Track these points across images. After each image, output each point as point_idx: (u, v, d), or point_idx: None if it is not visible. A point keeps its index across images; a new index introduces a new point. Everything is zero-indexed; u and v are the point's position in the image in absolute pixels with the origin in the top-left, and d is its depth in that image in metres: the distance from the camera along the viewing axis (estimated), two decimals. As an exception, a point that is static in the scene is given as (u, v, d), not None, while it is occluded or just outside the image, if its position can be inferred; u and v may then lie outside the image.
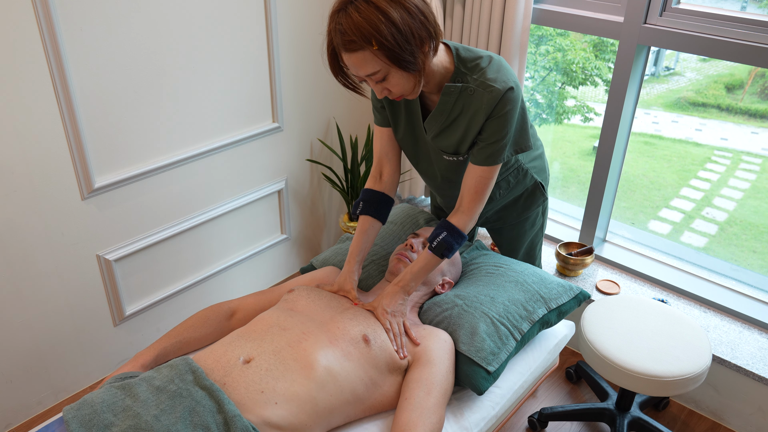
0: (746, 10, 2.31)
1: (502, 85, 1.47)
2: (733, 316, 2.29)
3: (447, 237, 1.58)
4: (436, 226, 1.62)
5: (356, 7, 1.32)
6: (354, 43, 1.32)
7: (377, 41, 1.30)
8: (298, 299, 1.60)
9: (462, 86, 1.50)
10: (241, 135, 2.42)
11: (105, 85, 1.95)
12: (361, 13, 1.30)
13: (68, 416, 1.26)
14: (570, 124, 3.59)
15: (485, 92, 1.47)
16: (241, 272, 2.71)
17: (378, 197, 1.73)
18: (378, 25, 1.30)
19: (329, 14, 1.39)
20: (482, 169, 1.56)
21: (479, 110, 1.50)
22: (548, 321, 1.74)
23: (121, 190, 2.13)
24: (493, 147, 1.54)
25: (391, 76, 1.38)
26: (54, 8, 1.75)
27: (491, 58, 1.52)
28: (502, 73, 1.49)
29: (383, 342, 1.50)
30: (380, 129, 1.72)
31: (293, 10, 2.42)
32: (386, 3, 1.31)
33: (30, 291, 2.02)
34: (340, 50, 1.37)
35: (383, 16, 1.30)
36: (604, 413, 2.12)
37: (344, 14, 1.33)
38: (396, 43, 1.31)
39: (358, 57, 1.34)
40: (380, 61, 1.34)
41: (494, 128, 1.51)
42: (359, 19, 1.30)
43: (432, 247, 1.59)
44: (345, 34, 1.32)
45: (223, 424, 1.24)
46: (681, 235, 2.94)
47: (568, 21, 2.35)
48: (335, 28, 1.35)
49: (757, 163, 3.03)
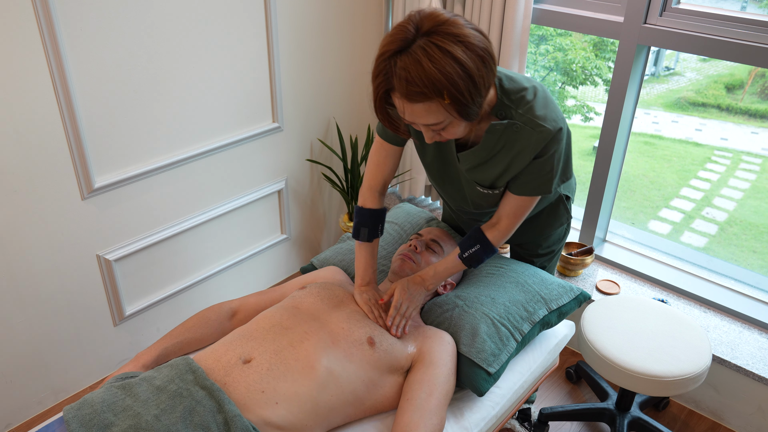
0: (746, 10, 2.31)
1: (552, 124, 1.37)
2: (733, 316, 2.29)
3: (479, 251, 1.55)
4: (469, 236, 1.57)
5: (425, 51, 1.15)
6: (422, 94, 1.17)
7: (450, 94, 1.16)
8: (306, 297, 1.59)
9: (508, 123, 1.38)
10: (241, 135, 2.42)
11: (105, 85, 1.95)
12: (434, 60, 1.14)
13: (68, 416, 1.26)
14: (570, 124, 3.59)
15: (534, 131, 1.37)
16: (241, 272, 2.71)
17: (380, 215, 1.66)
18: (453, 78, 1.15)
19: (381, 50, 1.20)
20: (523, 199, 1.51)
21: (525, 149, 1.39)
22: (549, 322, 1.74)
23: (121, 190, 2.13)
24: (537, 182, 1.47)
25: (451, 125, 1.27)
26: (54, 8, 1.74)
27: (536, 90, 1.40)
28: (550, 109, 1.39)
29: (389, 345, 1.50)
30: (389, 146, 1.61)
31: (293, 10, 2.42)
32: (455, 45, 1.15)
33: (30, 291, 2.02)
34: (399, 98, 1.21)
35: (458, 65, 1.15)
36: (604, 413, 2.12)
37: (410, 59, 1.16)
38: (470, 96, 1.18)
39: (421, 108, 1.20)
40: (446, 113, 1.21)
41: (541, 168, 1.43)
42: (431, 68, 1.14)
43: (463, 257, 1.57)
44: (412, 83, 1.16)
45: (223, 423, 1.24)
46: (681, 235, 2.95)
47: (568, 21, 2.34)
48: (398, 74, 1.17)
49: (757, 163, 3.03)
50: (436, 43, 1.15)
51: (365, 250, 1.64)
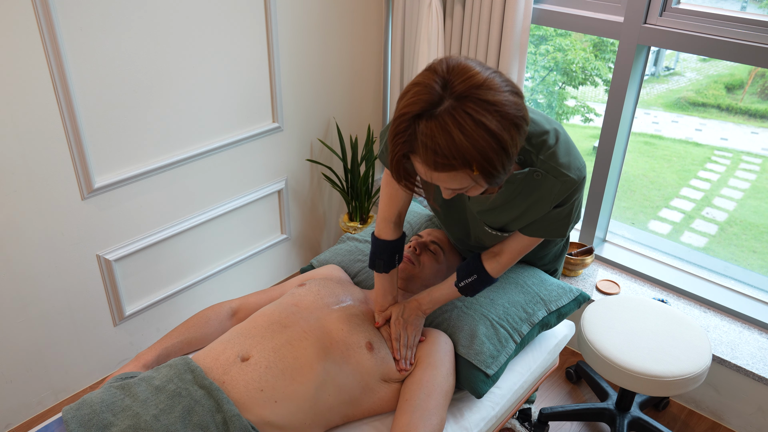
0: (746, 10, 2.31)
1: (577, 173, 1.30)
2: (733, 316, 2.29)
3: (476, 282, 1.51)
4: (467, 264, 1.52)
5: (455, 120, 1.02)
6: (449, 166, 1.06)
7: (480, 167, 1.06)
8: (306, 295, 1.59)
9: (529, 171, 1.30)
10: (241, 135, 2.42)
11: (105, 85, 1.95)
12: (465, 133, 1.02)
13: (67, 416, 1.26)
14: (570, 124, 3.59)
15: (558, 180, 1.29)
16: (241, 272, 2.71)
17: (396, 246, 1.57)
18: (486, 151, 1.04)
19: (402, 108, 1.07)
20: (532, 240, 1.46)
21: (545, 198, 1.33)
22: (548, 323, 1.74)
23: (121, 190, 2.13)
24: (552, 227, 1.42)
25: (474, 188, 1.17)
26: (54, 8, 1.74)
27: (558, 134, 1.31)
28: (573, 156, 1.31)
29: (386, 354, 1.50)
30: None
31: (293, 10, 2.42)
32: (490, 115, 1.03)
33: (30, 291, 2.02)
34: (421, 163, 1.09)
35: (492, 137, 1.03)
36: (604, 413, 2.12)
37: (438, 127, 1.03)
38: (501, 167, 1.08)
39: (447, 176, 1.09)
40: (472, 180, 1.11)
41: (559, 215, 1.38)
42: (462, 140, 1.02)
43: (459, 286, 1.53)
44: (439, 154, 1.04)
45: (222, 423, 1.24)
46: (681, 235, 2.94)
47: (568, 21, 2.34)
48: (422, 141, 1.05)
49: (757, 163, 3.03)
50: (468, 112, 1.02)
51: (383, 278, 1.58)
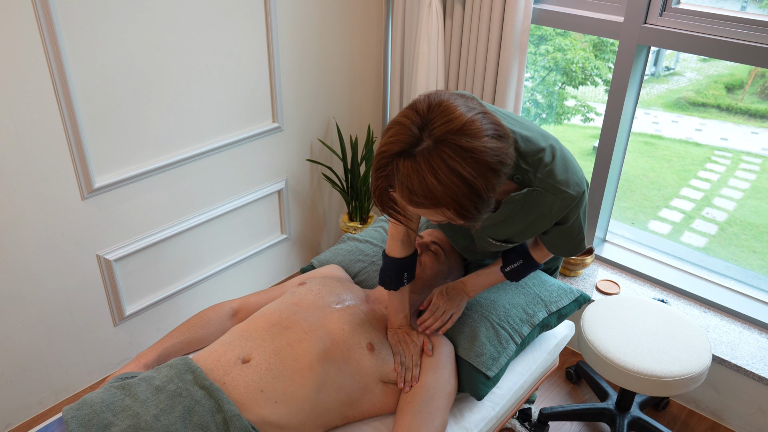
0: (746, 10, 2.31)
1: (576, 189, 1.32)
2: (733, 316, 2.29)
3: (522, 267, 1.53)
4: (514, 249, 1.53)
5: (429, 165, 1.03)
6: (423, 205, 1.08)
7: (454, 209, 1.07)
8: (306, 294, 1.58)
9: (527, 191, 1.31)
10: (241, 135, 2.42)
11: (105, 85, 1.95)
12: (439, 178, 1.03)
13: (68, 416, 1.26)
14: (570, 124, 3.59)
15: (557, 198, 1.31)
16: (241, 272, 2.71)
17: (404, 263, 1.54)
18: (458, 196, 1.05)
19: (382, 146, 1.09)
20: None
21: (546, 214, 1.35)
22: (548, 324, 1.74)
23: (121, 190, 2.13)
24: (569, 245, 1.47)
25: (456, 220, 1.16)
26: (54, 8, 1.74)
27: (554, 150, 1.32)
28: (571, 171, 1.32)
29: (386, 355, 1.50)
30: None
31: (293, 10, 2.42)
32: (465, 163, 1.03)
33: (30, 291, 2.02)
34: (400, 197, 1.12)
35: (464, 184, 1.04)
36: (604, 413, 2.12)
37: (413, 169, 1.05)
38: (475, 210, 1.08)
39: (425, 211, 1.11)
40: (450, 218, 1.12)
41: (569, 233, 1.42)
42: (435, 185, 1.04)
43: (506, 271, 1.55)
44: (415, 194, 1.06)
45: (222, 423, 1.24)
46: (681, 235, 2.94)
47: (568, 21, 2.34)
48: (400, 180, 1.07)
49: (757, 163, 3.03)
50: (443, 158, 1.03)
51: (394, 296, 1.57)
